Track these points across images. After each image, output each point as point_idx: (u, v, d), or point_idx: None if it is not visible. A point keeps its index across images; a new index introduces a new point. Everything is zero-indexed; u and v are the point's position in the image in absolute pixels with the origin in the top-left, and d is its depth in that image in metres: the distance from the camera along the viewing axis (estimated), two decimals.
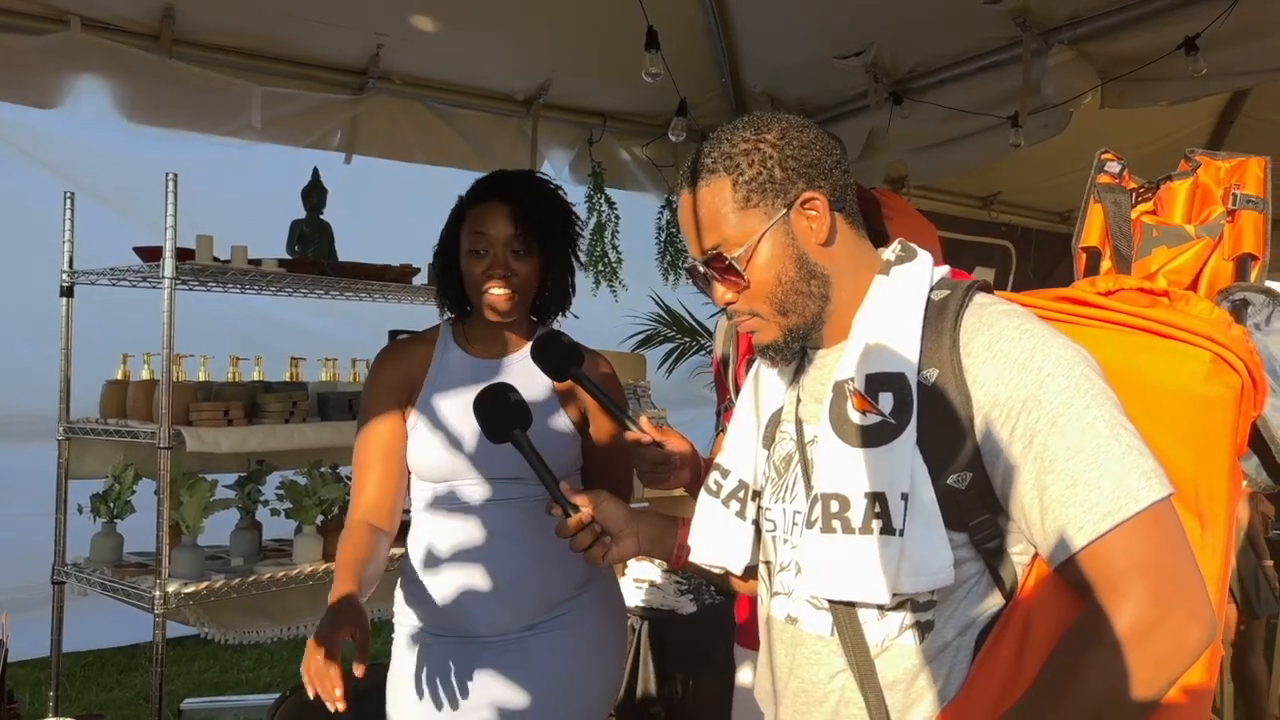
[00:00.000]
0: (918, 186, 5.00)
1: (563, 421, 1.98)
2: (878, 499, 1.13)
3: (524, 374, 1.94)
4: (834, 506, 1.16)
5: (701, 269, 1.29)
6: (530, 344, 1.85)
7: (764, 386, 1.38)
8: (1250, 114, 5.26)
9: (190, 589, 2.70)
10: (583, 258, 2.07)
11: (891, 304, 1.21)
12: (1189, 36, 3.49)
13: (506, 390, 1.62)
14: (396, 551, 2.08)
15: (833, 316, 1.26)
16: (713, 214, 1.25)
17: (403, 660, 1.99)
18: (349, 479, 2.91)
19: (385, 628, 2.11)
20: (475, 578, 1.91)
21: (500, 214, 1.92)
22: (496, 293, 1.91)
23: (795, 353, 1.31)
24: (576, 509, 1.47)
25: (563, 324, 2.18)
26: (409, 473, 1.98)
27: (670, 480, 1.66)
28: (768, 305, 1.26)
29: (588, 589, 1.99)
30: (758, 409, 1.39)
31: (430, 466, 1.94)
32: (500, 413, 1.60)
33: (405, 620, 2.01)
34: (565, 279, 2.03)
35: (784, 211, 1.23)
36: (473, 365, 1.99)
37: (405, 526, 2.05)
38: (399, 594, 2.04)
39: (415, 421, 1.96)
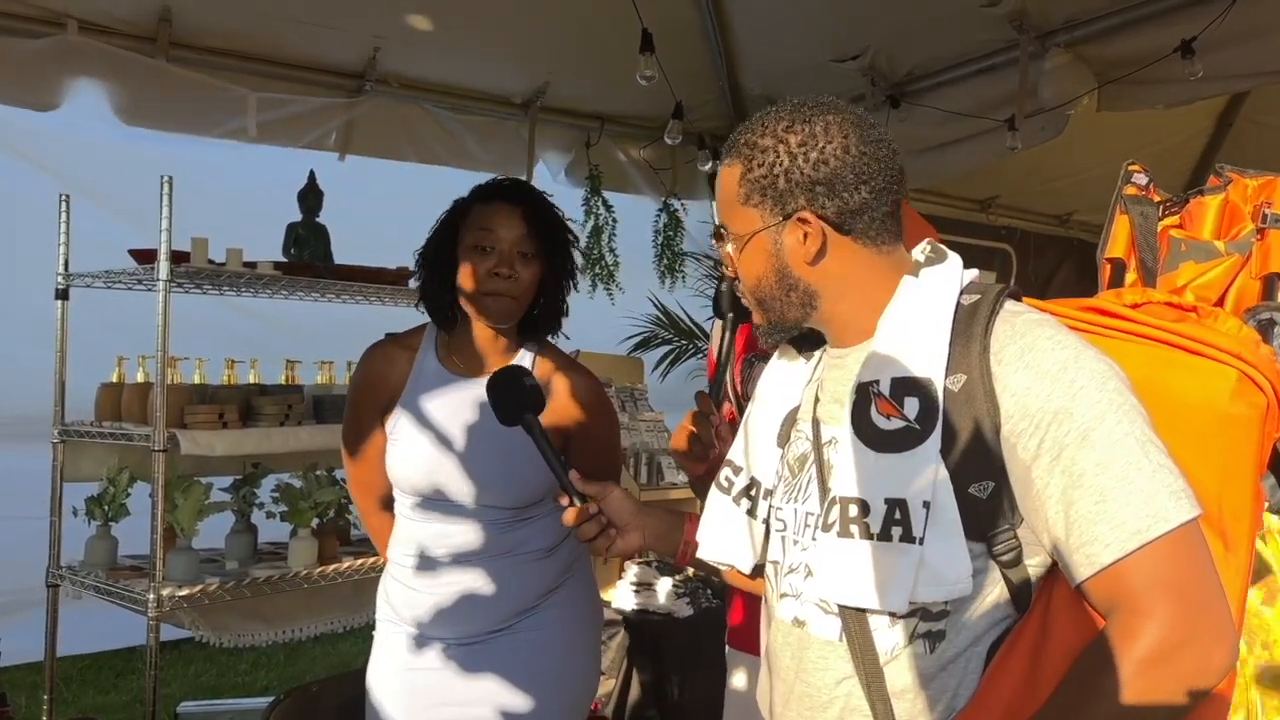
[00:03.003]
0: (915, 189, 5.00)
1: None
2: (899, 506, 1.11)
3: None
4: (853, 511, 1.14)
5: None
6: (543, 366, 1.89)
7: (779, 383, 1.37)
8: (1248, 117, 5.26)
9: (185, 592, 2.69)
10: (577, 279, 2.06)
11: (919, 307, 1.19)
12: (1185, 39, 3.50)
13: (521, 374, 1.60)
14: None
15: (835, 319, 1.25)
16: (724, 195, 1.27)
17: (381, 657, 2.03)
18: (344, 482, 2.91)
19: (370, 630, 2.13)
20: (440, 584, 1.93)
21: (513, 214, 1.90)
22: (499, 292, 1.88)
23: (781, 341, 1.32)
24: (585, 499, 1.46)
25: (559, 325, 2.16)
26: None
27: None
28: (750, 295, 1.29)
29: (560, 592, 1.99)
30: (771, 406, 1.37)
31: (407, 479, 1.94)
32: (514, 396, 1.56)
33: (385, 618, 2.04)
34: (560, 296, 2.00)
35: (779, 221, 1.21)
36: (451, 382, 1.97)
37: None
38: (379, 593, 2.06)
39: (392, 431, 1.97)
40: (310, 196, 3.21)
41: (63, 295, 2.97)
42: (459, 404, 1.94)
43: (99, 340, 3.17)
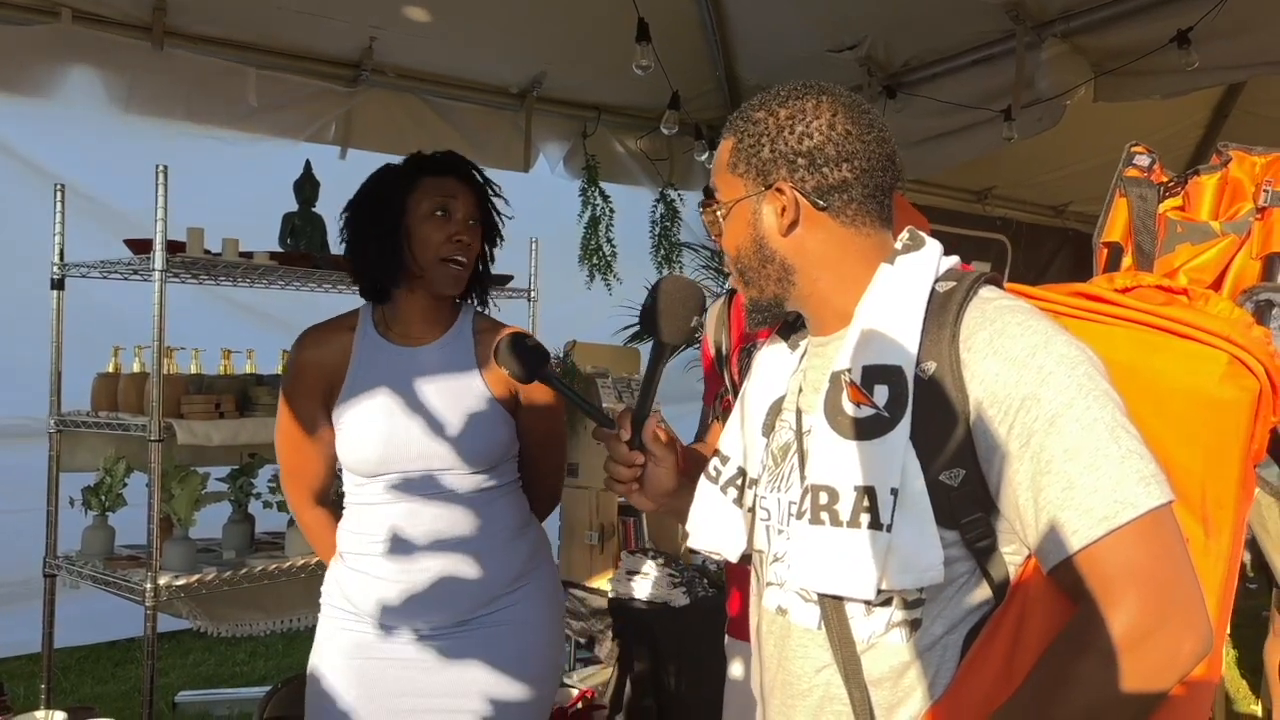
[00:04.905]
0: (912, 181, 5.01)
1: (494, 408, 1.97)
2: (867, 493, 1.11)
3: (447, 360, 1.96)
4: (823, 498, 1.14)
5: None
6: (489, 334, 1.88)
7: (766, 373, 1.37)
8: (1245, 108, 5.27)
9: (182, 581, 2.70)
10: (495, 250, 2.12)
11: (894, 294, 1.18)
12: (1181, 30, 3.50)
13: (524, 337, 1.62)
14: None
15: (812, 301, 1.25)
16: (717, 165, 1.29)
17: (330, 649, 1.96)
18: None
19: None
20: (409, 571, 1.90)
21: (465, 190, 1.97)
22: (458, 261, 1.93)
23: (764, 321, 1.31)
24: (614, 425, 1.41)
25: (553, 314, 2.18)
26: (337, 463, 1.98)
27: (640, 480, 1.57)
28: (732, 267, 1.30)
29: (528, 582, 1.99)
30: (758, 395, 1.37)
31: (363, 461, 1.91)
32: (526, 356, 1.57)
33: (338, 608, 1.97)
34: (489, 265, 2.09)
35: (760, 190, 1.23)
36: (396, 353, 1.97)
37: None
38: (328, 583, 2.00)
39: (341, 416, 1.94)
40: (306, 186, 3.21)
41: (58, 285, 2.96)
42: (408, 374, 1.94)
43: (94, 335, 3.16)
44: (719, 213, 1.29)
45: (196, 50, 3.64)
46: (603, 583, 3.37)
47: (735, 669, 2.11)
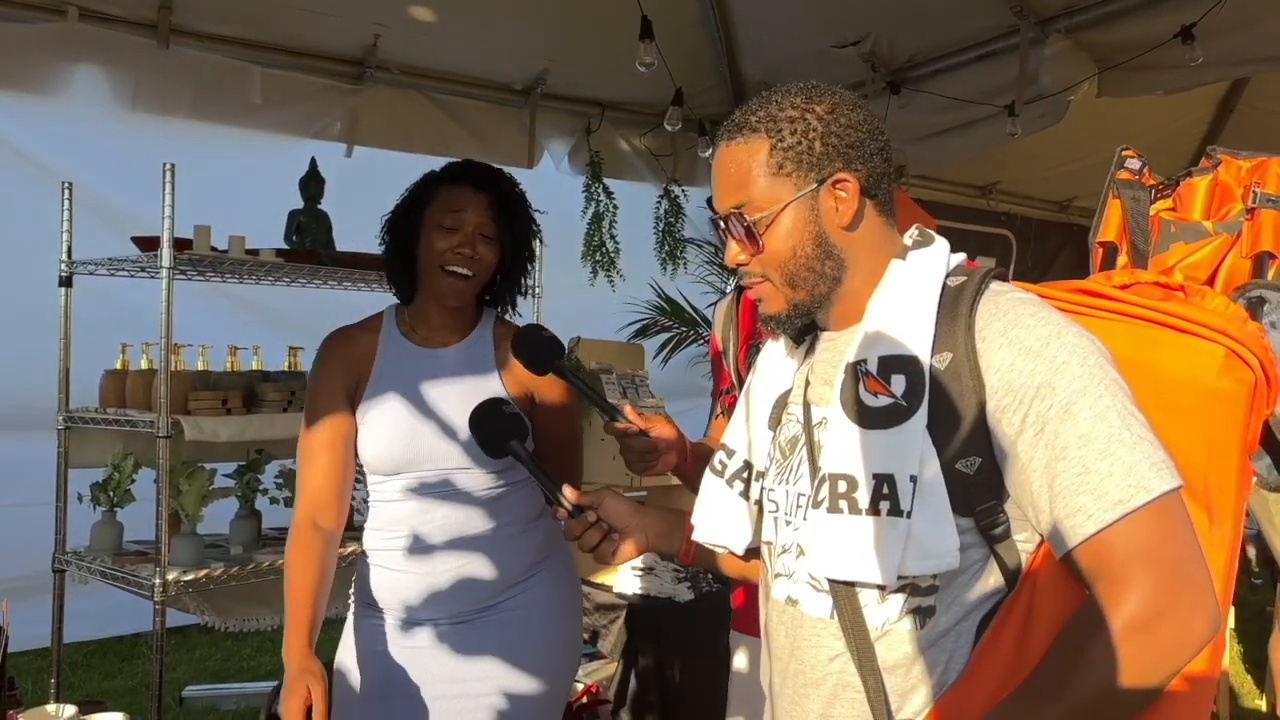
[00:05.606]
0: (916, 176, 5.02)
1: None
2: (886, 480, 1.13)
3: (467, 362, 1.99)
4: (841, 487, 1.16)
5: (720, 225, 1.29)
6: (511, 336, 1.88)
7: (772, 368, 1.39)
8: (1250, 103, 5.27)
9: (190, 577, 2.71)
10: (534, 263, 2.12)
11: (907, 288, 1.21)
12: (1185, 25, 3.50)
13: (500, 404, 1.67)
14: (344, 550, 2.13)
15: (843, 298, 1.26)
16: (743, 172, 1.24)
17: (357, 644, 2.02)
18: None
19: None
20: (428, 565, 1.95)
21: (479, 201, 1.96)
22: (459, 272, 1.93)
23: (797, 328, 1.31)
24: (581, 511, 1.48)
25: (557, 310, 2.19)
26: (357, 462, 1.99)
27: (658, 465, 1.66)
28: (778, 274, 1.26)
29: (542, 569, 2.03)
30: (764, 390, 1.39)
31: (382, 459, 1.95)
32: (497, 426, 1.63)
33: (360, 605, 2.04)
34: (520, 276, 2.08)
35: (814, 186, 1.22)
36: (418, 354, 2.00)
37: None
38: (357, 581, 2.06)
39: (364, 414, 1.96)
40: (311, 183, 3.22)
41: (66, 283, 2.98)
42: (430, 374, 1.98)
43: (102, 332, 3.17)
44: (751, 223, 1.24)
45: (202, 48, 3.66)
46: (608, 578, 3.38)
47: (740, 662, 2.12)
